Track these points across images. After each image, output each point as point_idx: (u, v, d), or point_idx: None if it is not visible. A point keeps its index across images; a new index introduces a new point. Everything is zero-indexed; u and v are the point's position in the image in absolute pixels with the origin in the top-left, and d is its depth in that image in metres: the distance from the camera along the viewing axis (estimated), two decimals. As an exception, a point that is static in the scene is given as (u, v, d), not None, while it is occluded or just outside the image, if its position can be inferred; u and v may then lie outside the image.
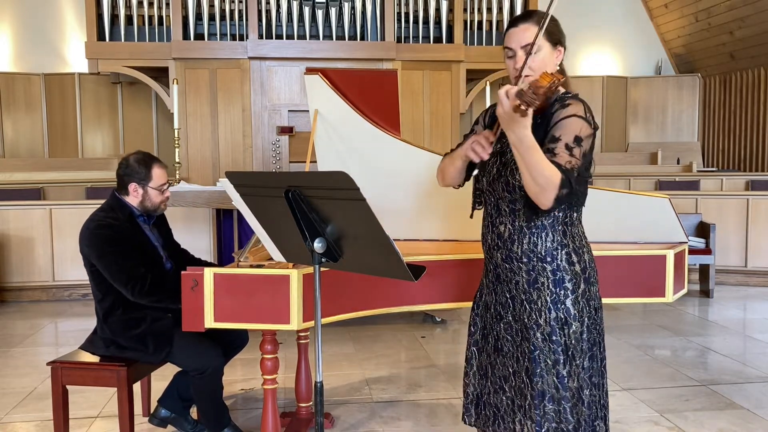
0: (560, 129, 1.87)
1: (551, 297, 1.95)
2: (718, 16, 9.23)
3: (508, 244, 1.98)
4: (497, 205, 2.01)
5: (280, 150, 7.50)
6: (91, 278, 2.84)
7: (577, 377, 1.95)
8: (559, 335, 1.94)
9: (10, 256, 6.09)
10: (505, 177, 1.94)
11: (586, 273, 1.98)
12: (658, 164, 9.30)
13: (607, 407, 2.09)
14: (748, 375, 4.06)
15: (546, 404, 1.95)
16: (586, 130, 1.87)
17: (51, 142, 9.02)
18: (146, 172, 2.84)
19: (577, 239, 1.98)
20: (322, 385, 1.90)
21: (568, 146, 1.84)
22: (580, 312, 1.95)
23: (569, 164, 1.82)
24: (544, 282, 1.95)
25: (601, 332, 2.04)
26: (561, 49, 1.99)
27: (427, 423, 3.37)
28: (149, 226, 2.97)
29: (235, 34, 7.54)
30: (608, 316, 5.49)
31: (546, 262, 1.95)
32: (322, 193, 1.75)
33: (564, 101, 1.92)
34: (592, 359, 1.98)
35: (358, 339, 4.87)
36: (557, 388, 1.94)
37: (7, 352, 4.64)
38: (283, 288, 2.34)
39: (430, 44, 7.79)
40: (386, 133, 3.01)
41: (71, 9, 9.02)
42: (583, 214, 2.06)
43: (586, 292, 1.97)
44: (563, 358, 1.94)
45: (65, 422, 2.86)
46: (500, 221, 2.00)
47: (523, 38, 1.93)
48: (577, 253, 1.97)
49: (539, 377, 1.94)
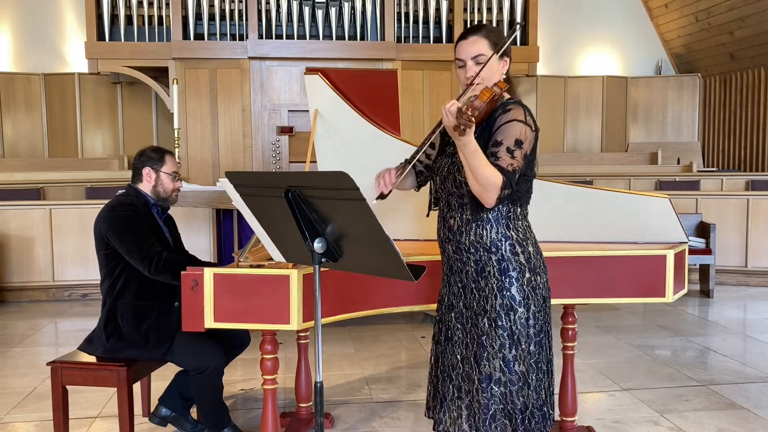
0: (502, 133, 2.03)
1: (497, 284, 2.08)
2: (718, 16, 9.23)
3: (457, 236, 2.13)
4: (448, 200, 2.17)
5: (280, 150, 7.50)
6: (105, 263, 2.88)
7: (523, 361, 2.07)
8: (504, 320, 2.06)
9: (10, 256, 6.09)
10: (453, 174, 2.11)
11: (530, 263, 2.10)
12: (658, 164, 9.29)
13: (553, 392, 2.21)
14: (748, 375, 4.06)
15: (493, 387, 2.07)
16: (526, 133, 2.03)
17: (51, 142, 9.02)
18: (159, 157, 3.00)
19: (521, 232, 2.11)
20: (322, 385, 1.90)
21: (509, 149, 2.00)
22: (525, 299, 2.07)
23: (510, 166, 1.99)
24: (490, 270, 2.09)
25: (548, 320, 2.16)
26: (507, 59, 2.16)
27: (427, 423, 3.36)
28: (162, 220, 3.03)
29: (235, 34, 7.54)
30: (608, 316, 5.52)
31: (491, 252, 2.08)
32: (322, 193, 1.75)
33: (506, 107, 2.08)
34: (540, 345, 2.10)
35: (358, 339, 4.87)
36: (503, 372, 2.07)
37: (7, 352, 4.64)
38: (283, 288, 2.34)
39: (430, 44, 7.79)
40: (386, 133, 3.01)
41: (71, 9, 9.01)
42: (583, 214, 2.09)
43: (531, 281, 2.09)
44: (509, 343, 2.06)
45: (65, 422, 2.86)
46: (450, 215, 2.16)
47: (472, 50, 2.10)
48: (520, 244, 2.10)
49: (486, 361, 2.07)
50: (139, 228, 2.85)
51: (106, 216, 2.87)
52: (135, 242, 2.81)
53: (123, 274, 2.86)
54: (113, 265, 2.87)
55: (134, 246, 2.80)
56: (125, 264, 2.85)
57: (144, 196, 2.98)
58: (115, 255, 2.85)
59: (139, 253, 2.79)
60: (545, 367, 2.12)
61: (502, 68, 2.13)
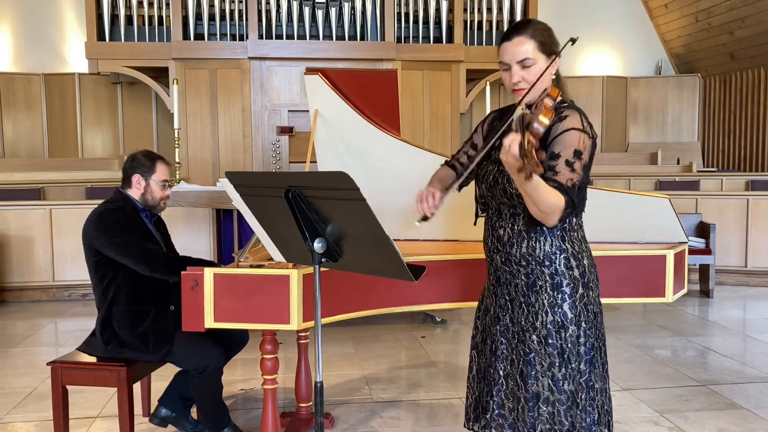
0: (559, 145, 1.86)
1: (549, 300, 1.95)
2: (718, 16, 9.23)
3: (507, 248, 1.99)
4: (498, 209, 2.02)
5: (280, 150, 7.50)
6: (95, 270, 2.86)
7: (572, 380, 1.95)
8: (555, 338, 1.94)
9: (10, 256, 6.09)
10: (503, 185, 1.94)
11: (584, 278, 1.97)
12: (658, 164, 9.29)
13: (611, 413, 2.08)
14: (748, 375, 4.06)
15: (540, 406, 1.95)
16: (584, 142, 1.87)
17: (51, 142, 9.02)
18: (151, 165, 2.94)
19: (576, 244, 1.98)
20: (322, 385, 1.90)
21: (568, 162, 1.84)
22: (577, 316, 1.95)
23: (570, 181, 1.84)
24: (542, 285, 1.96)
25: (601, 337, 2.03)
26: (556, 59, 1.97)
27: (427, 423, 3.37)
28: (151, 223, 3.01)
29: (235, 34, 7.54)
30: (608, 316, 5.52)
31: (544, 265, 1.95)
32: (322, 193, 1.75)
33: (560, 113, 1.90)
34: (591, 364, 1.97)
35: (358, 339, 4.87)
36: (552, 391, 1.94)
37: (7, 352, 4.64)
38: (283, 288, 2.34)
39: (430, 44, 7.79)
40: (386, 133, 3.01)
41: (71, 9, 9.01)
42: (583, 214, 2.06)
43: (584, 297, 1.97)
44: (558, 361, 1.94)
45: (65, 422, 2.86)
46: (500, 225, 2.01)
47: (517, 53, 1.92)
48: (575, 258, 1.97)
49: (534, 379, 1.95)
50: (131, 230, 2.83)
51: (96, 224, 2.82)
52: (131, 244, 2.78)
53: (115, 280, 2.83)
54: (103, 272, 2.84)
55: (131, 248, 2.78)
56: (116, 270, 2.82)
57: (132, 201, 2.93)
58: (105, 262, 2.82)
59: (138, 254, 2.78)
60: (597, 385, 2.00)
61: (552, 69, 1.95)
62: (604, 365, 2.04)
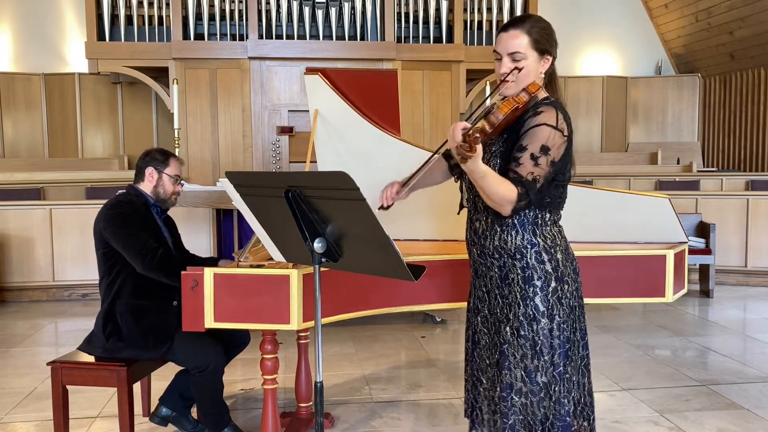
0: (528, 138, 1.91)
1: (521, 293, 2.00)
2: (718, 16, 9.23)
3: (482, 240, 2.06)
4: (474, 201, 2.09)
5: (280, 150, 7.50)
6: (103, 262, 2.89)
7: (545, 372, 1.99)
8: (527, 330, 1.99)
9: (10, 256, 6.09)
10: None
11: (557, 272, 2.00)
12: (658, 164, 9.29)
13: (592, 407, 2.11)
14: (748, 375, 4.06)
15: (513, 396, 2.01)
16: (554, 139, 1.91)
17: (51, 142, 9.02)
18: (164, 159, 3.02)
19: (549, 238, 2.01)
20: (322, 385, 1.90)
21: (533, 156, 1.89)
22: (549, 309, 1.98)
23: (531, 175, 1.89)
24: (514, 278, 2.01)
25: (578, 331, 2.06)
26: (548, 58, 2.01)
27: (427, 423, 3.37)
28: (161, 219, 3.04)
29: (235, 34, 7.54)
30: (608, 316, 5.52)
31: (515, 259, 2.00)
32: (322, 193, 1.75)
33: (537, 108, 1.95)
34: (567, 357, 2.01)
35: (358, 339, 4.87)
36: (524, 382, 2.00)
37: (7, 352, 4.64)
38: (283, 288, 2.34)
39: (430, 44, 7.79)
40: (386, 133, 3.01)
41: (71, 9, 9.01)
42: (583, 214, 2.07)
43: (557, 291, 2.00)
44: (531, 353, 1.99)
45: (65, 422, 2.86)
46: (476, 218, 2.09)
47: (509, 45, 1.97)
48: (548, 252, 2.00)
49: (507, 370, 2.01)
50: (137, 225, 2.86)
51: (105, 213, 2.88)
52: (131, 237, 2.82)
53: (121, 273, 2.86)
54: (111, 264, 2.88)
55: (130, 241, 2.81)
56: (123, 263, 2.85)
57: (144, 195, 2.99)
58: (113, 254, 2.86)
59: (135, 249, 2.80)
60: (575, 378, 2.03)
61: (541, 67, 1.99)
62: (584, 359, 2.07)
